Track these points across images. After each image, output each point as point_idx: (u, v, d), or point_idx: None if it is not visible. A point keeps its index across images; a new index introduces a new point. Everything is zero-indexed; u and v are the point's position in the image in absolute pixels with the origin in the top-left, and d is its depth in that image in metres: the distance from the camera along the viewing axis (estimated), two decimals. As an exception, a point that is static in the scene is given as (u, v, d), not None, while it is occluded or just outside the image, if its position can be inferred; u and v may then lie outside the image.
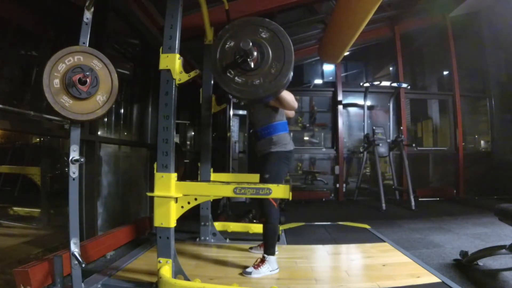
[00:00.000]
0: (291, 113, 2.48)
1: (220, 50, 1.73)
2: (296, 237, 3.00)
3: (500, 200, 4.59)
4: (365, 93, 5.49)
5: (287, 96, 2.09)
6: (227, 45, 1.72)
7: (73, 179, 1.64)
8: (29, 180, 2.92)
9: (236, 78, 1.68)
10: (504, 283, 1.87)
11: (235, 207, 4.21)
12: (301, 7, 4.52)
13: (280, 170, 2.20)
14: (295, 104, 2.18)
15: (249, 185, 1.70)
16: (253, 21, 1.74)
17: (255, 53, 1.64)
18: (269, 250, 2.12)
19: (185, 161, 5.27)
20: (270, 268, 2.06)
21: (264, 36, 1.68)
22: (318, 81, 6.67)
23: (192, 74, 1.80)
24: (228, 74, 1.68)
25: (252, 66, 1.64)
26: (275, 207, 2.16)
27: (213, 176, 2.78)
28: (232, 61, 1.68)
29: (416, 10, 5.56)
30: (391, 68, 6.88)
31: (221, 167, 4.56)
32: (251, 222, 3.39)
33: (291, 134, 6.15)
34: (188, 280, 1.74)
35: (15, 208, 2.90)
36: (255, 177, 2.45)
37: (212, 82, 2.79)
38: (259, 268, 2.03)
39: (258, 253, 2.29)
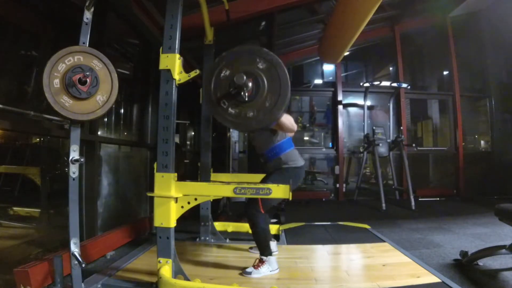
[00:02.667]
0: (291, 134, 2.47)
1: (215, 79, 1.70)
2: (296, 237, 3.00)
3: (500, 200, 4.58)
4: (365, 93, 5.49)
5: (286, 120, 2.08)
6: (222, 74, 1.69)
7: (73, 179, 1.64)
8: (29, 180, 2.92)
9: (229, 109, 1.66)
10: (504, 283, 1.87)
11: (235, 207, 4.21)
12: (301, 7, 4.52)
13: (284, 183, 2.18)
14: (294, 127, 2.17)
15: (249, 185, 1.70)
16: (251, 50, 1.71)
17: (250, 84, 1.61)
18: (264, 253, 2.12)
19: (185, 161, 5.28)
20: (270, 268, 2.07)
21: (260, 66, 1.64)
22: (318, 81, 6.67)
23: (192, 74, 1.80)
24: (222, 104, 1.66)
25: (246, 98, 1.61)
26: (262, 212, 2.12)
27: (213, 176, 2.78)
28: (227, 92, 1.65)
29: (416, 10, 5.56)
30: (391, 68, 6.88)
31: (221, 167, 4.56)
32: (251, 222, 3.38)
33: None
34: (188, 280, 1.74)
35: (15, 208, 2.90)
36: (255, 177, 2.45)
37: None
38: (259, 268, 2.04)
39: (258, 253, 2.29)
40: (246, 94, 1.60)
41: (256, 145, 2.38)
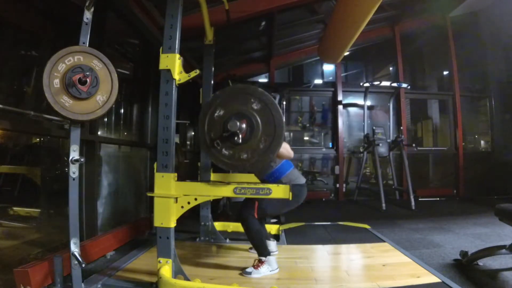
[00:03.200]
0: None
1: (208, 119, 1.69)
2: (296, 237, 3.00)
3: (500, 200, 4.58)
4: (365, 93, 5.49)
5: (283, 149, 2.06)
6: (216, 114, 1.68)
7: (73, 179, 1.64)
8: (29, 180, 2.91)
9: (223, 150, 1.65)
10: (504, 283, 1.87)
11: (235, 207, 4.20)
12: (301, 7, 4.52)
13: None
14: (291, 154, 2.16)
15: (249, 185, 1.70)
16: (245, 90, 1.69)
17: (244, 126, 1.60)
18: (262, 254, 2.12)
19: (185, 161, 5.27)
20: (270, 268, 2.07)
21: (255, 107, 1.62)
22: (318, 81, 6.68)
23: (192, 74, 1.80)
24: (216, 145, 1.66)
25: (240, 141, 1.60)
26: (255, 217, 2.12)
27: (213, 176, 2.78)
28: (221, 134, 1.64)
29: (416, 10, 5.56)
30: (391, 68, 6.88)
31: (221, 167, 4.55)
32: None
33: (291, 134, 6.15)
34: (188, 280, 1.74)
35: (15, 208, 2.89)
36: (255, 177, 2.45)
37: (212, 82, 2.79)
38: (259, 268, 2.04)
39: (258, 253, 2.29)
40: (240, 136, 1.59)
41: (254, 173, 2.36)
